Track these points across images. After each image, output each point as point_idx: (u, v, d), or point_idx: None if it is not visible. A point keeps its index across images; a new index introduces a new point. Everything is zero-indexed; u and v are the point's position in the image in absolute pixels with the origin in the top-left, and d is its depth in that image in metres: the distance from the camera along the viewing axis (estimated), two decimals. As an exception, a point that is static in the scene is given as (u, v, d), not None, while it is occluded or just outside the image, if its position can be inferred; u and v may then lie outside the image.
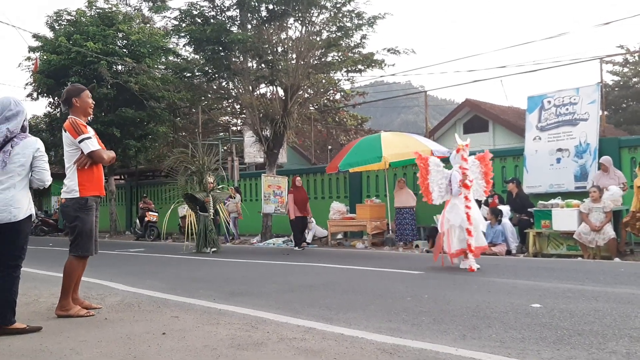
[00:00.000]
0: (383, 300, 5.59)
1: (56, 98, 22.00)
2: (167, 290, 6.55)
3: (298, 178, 14.61)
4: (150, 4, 22.95)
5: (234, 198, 17.09)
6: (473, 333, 4.10)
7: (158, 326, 4.53)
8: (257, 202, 18.23)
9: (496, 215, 11.17)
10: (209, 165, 13.80)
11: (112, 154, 5.31)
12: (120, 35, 21.17)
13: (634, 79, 30.53)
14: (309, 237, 14.79)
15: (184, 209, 19.39)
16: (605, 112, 22.24)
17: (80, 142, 4.99)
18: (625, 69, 31.00)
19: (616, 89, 30.44)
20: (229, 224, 16.58)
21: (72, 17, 21.66)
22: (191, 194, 13.30)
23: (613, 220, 9.93)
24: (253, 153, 20.61)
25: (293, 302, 5.57)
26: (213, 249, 12.85)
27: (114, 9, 22.04)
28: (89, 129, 5.15)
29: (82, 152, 5.01)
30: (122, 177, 28.91)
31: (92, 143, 5.03)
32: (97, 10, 21.53)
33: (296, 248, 13.51)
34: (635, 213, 10.03)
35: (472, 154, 15.04)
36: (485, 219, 11.72)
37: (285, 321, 4.62)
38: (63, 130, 5.12)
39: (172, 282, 7.50)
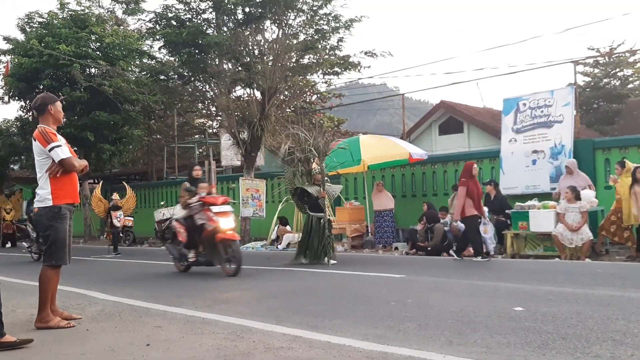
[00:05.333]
0: (367, 306, 5.59)
1: (28, 102, 21.65)
2: (148, 298, 6.46)
3: (475, 165, 10.63)
4: (124, 6, 22.74)
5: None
6: (459, 339, 4.11)
7: (141, 337, 4.47)
8: (234, 205, 18.11)
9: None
10: (320, 150, 10.48)
11: (83, 162, 5.23)
12: (93, 37, 20.91)
13: (605, 80, 31.12)
14: (283, 244, 14.71)
15: (160, 214, 19.21)
16: (576, 112, 22.61)
17: (50, 150, 4.93)
18: (596, 70, 31.59)
19: (587, 89, 30.99)
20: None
21: (44, 20, 21.34)
22: (302, 188, 10.39)
23: (589, 221, 10.10)
24: (230, 156, 20.50)
25: (277, 309, 5.54)
26: (333, 261, 9.97)
27: (87, 11, 21.76)
28: (60, 137, 5.09)
29: (53, 161, 4.94)
30: (96, 181, 28.51)
31: (63, 151, 4.97)
32: (70, 13, 21.24)
33: (479, 259, 9.89)
34: (610, 217, 10.24)
35: (450, 155, 15.18)
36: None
37: (270, 329, 4.58)
38: (33, 140, 5.06)
39: (152, 290, 7.41)
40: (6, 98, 22.26)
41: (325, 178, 10.60)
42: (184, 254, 9.21)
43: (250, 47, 16.25)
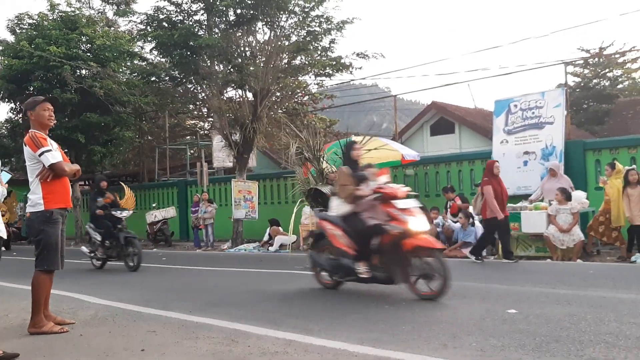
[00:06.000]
0: (361, 309, 5.60)
1: (18, 104, 21.52)
2: (141, 302, 6.44)
3: (497, 163, 10.25)
4: (115, 7, 22.65)
5: (212, 203, 17.02)
6: (453, 342, 4.13)
7: (136, 342, 4.46)
8: (227, 207, 18.12)
9: (468, 218, 11.32)
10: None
11: (75, 166, 5.21)
12: (84, 39, 20.79)
13: (594, 80, 31.33)
14: (275, 246, 14.69)
15: (152, 215, 19.17)
16: (567, 113, 22.74)
17: (40, 155, 4.91)
18: (586, 71, 31.79)
19: (577, 90, 31.17)
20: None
21: (34, 21, 21.19)
22: (316, 188, 9.80)
23: (580, 222, 10.17)
24: (222, 157, 20.44)
25: (271, 313, 5.54)
26: None
27: (77, 12, 21.64)
28: (51, 141, 5.07)
29: (44, 165, 4.93)
30: (87, 183, 28.37)
31: (53, 155, 4.95)
32: (60, 14, 21.11)
33: (472, 258, 10.04)
34: (598, 217, 10.32)
35: (442, 156, 15.17)
36: (454, 222, 11.93)
37: (265, 334, 4.58)
38: (24, 145, 5.04)
39: (144, 293, 7.38)
40: (-4, 100, 22.11)
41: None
42: (346, 267, 6.58)
43: (242, 49, 16.23)
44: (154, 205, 20.73)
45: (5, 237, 4.56)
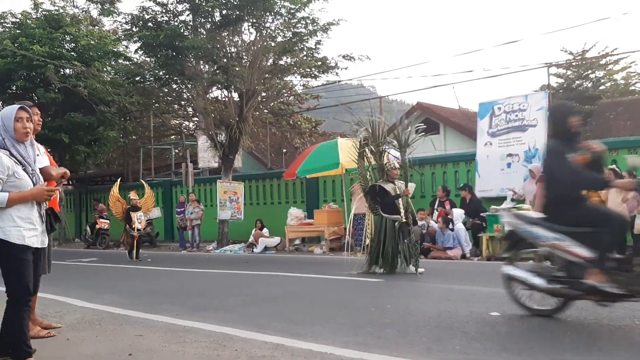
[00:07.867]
0: (347, 312, 5.67)
1: (1, 103, 21.28)
2: (128, 305, 6.44)
3: None
4: (99, 6, 22.51)
5: (200, 204, 16.99)
6: (438, 345, 4.20)
7: (123, 346, 4.47)
8: (212, 207, 18.09)
9: (447, 224, 11.49)
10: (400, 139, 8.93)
11: (61, 170, 5.20)
12: (68, 38, 20.65)
13: (577, 82, 31.65)
14: (259, 248, 14.71)
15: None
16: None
17: None
18: (569, 72, 32.11)
19: (560, 91, 31.47)
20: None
21: (18, 20, 21.01)
22: (380, 185, 9.00)
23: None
24: (207, 158, 20.42)
25: (258, 316, 5.58)
26: (420, 270, 8.59)
27: (61, 11, 21.48)
28: (38, 146, 5.06)
29: None
30: (71, 183, 28.14)
31: (40, 160, 4.95)
32: (44, 13, 20.94)
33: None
34: None
35: (427, 158, 15.24)
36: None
37: (252, 337, 4.62)
38: None
39: (131, 296, 7.38)
40: (-23, 100, 21.86)
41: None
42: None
43: (228, 49, 16.23)
44: (138, 205, 20.60)
45: (39, 246, 4.31)
